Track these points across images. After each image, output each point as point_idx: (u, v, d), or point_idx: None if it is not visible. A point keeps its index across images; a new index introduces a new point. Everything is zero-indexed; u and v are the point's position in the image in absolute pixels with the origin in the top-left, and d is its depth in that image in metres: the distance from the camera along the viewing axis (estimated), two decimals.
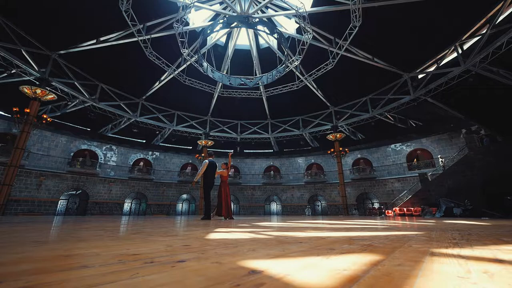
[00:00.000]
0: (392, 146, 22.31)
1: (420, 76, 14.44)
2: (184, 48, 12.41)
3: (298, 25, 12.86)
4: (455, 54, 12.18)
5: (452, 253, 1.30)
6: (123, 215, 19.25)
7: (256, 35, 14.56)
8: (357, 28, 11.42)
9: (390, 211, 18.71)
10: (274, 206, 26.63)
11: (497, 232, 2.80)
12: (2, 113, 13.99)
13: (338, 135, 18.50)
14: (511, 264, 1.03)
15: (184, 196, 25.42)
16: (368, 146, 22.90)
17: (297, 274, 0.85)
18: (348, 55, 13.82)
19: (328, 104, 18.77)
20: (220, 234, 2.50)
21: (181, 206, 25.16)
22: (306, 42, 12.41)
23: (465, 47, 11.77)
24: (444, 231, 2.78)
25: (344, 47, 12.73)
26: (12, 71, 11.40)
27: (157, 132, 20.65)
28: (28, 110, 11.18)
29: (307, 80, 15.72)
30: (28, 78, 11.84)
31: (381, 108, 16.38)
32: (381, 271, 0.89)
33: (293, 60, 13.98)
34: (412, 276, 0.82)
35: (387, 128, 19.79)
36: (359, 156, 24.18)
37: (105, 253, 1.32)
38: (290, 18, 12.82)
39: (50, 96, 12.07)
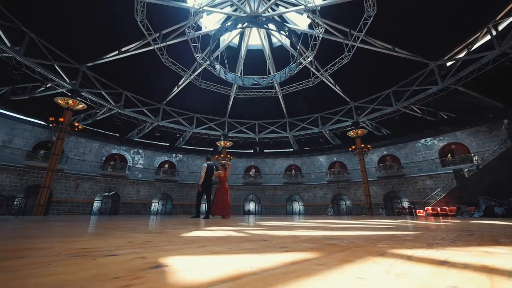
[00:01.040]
0: (422, 141, 20.72)
1: (448, 63, 13.24)
2: (197, 53, 12.80)
3: (310, 20, 12.54)
4: (488, 37, 10.96)
5: (405, 254, 1.19)
6: (150, 214, 20.33)
7: (268, 34, 14.49)
8: (372, 18, 10.81)
9: (421, 210, 17.45)
10: (296, 206, 26.21)
11: None
12: (42, 123, 15.60)
13: (359, 131, 17.66)
14: (447, 266, 0.90)
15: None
16: (395, 141, 21.53)
17: (193, 270, 0.85)
18: (366, 46, 13.13)
19: (348, 100, 18.01)
20: (202, 232, 2.53)
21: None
22: (318, 37, 12.04)
23: (500, 27, 10.53)
24: (449, 232, 2.52)
25: (360, 39, 12.12)
26: (48, 85, 12.73)
27: (178, 135, 21.51)
28: (62, 119, 12.36)
29: (323, 76, 15.25)
30: (61, 90, 13.11)
31: (405, 100, 15.30)
32: (282, 270, 0.85)
33: (307, 56, 13.66)
34: (313, 274, 0.77)
35: (414, 122, 18.44)
36: (385, 152, 22.87)
37: (60, 247, 1.41)
38: (302, 14, 12.56)
39: (80, 106, 13.22)
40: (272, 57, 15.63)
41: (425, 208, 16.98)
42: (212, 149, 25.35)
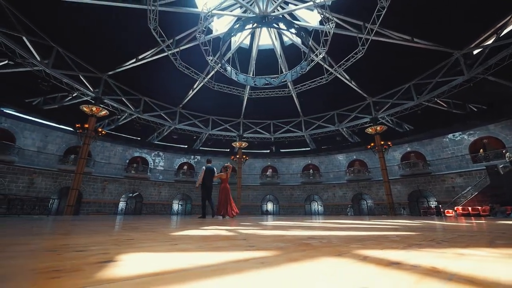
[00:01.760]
0: (450, 135, 19.34)
1: (475, 51, 12.24)
2: (208, 56, 13.07)
3: (322, 17, 12.25)
4: None
5: (365, 254, 1.14)
6: (170, 215, 21.07)
7: (279, 33, 14.39)
8: (385, 8, 10.31)
9: (450, 210, 16.33)
10: (316, 206, 25.72)
11: None
12: (71, 129, 16.84)
13: (378, 128, 16.90)
14: (391, 268, 0.86)
15: None
16: (419, 137, 20.31)
17: (137, 265, 0.91)
18: (382, 39, 12.55)
19: (365, 95, 17.33)
20: (194, 231, 2.60)
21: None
22: (329, 32, 11.72)
23: None
24: (452, 233, 2.35)
25: (374, 31, 11.61)
26: (74, 94, 13.75)
27: (194, 137, 22.09)
28: (87, 126, 13.27)
29: (337, 72, 14.81)
30: (86, 98, 14.09)
31: (428, 93, 14.39)
32: (216, 268, 0.87)
33: (319, 53, 13.37)
34: (238, 272, 0.79)
35: (439, 116, 17.28)
36: (408, 149, 21.69)
37: (43, 243, 1.54)
38: (312, 10, 12.33)
39: (103, 112, 14.11)
40: (284, 56, 15.50)
41: (455, 208, 15.86)
42: (228, 150, 25.70)
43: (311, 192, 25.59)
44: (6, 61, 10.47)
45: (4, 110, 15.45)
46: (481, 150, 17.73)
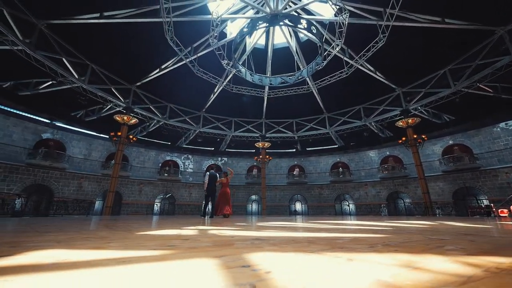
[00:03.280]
0: (501, 124, 16.85)
1: None
2: (223, 60, 13.39)
3: (337, 8, 11.69)
4: None
5: (244, 257, 1.10)
6: (200, 216, 21.97)
7: (294, 30, 14.07)
8: None
9: (505, 210, 14.27)
10: (346, 205, 24.55)
11: None
12: (107, 137, 18.72)
13: (410, 121, 15.46)
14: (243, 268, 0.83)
15: (253, 197, 26.72)
16: (462, 128, 18.08)
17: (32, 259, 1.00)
18: (406, 24, 11.49)
19: (393, 86, 16.00)
20: (169, 230, 2.72)
21: (250, 207, 26.53)
22: (343, 24, 11.08)
23: None
24: (427, 236, 2.08)
25: (394, 16, 10.67)
26: (109, 106, 15.28)
27: (218, 140, 22.76)
28: (120, 133, 14.62)
29: (358, 63, 13.95)
30: (118, 109, 15.55)
31: (467, 79, 12.74)
32: (96, 263, 0.95)
33: (336, 45, 12.74)
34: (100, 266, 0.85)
35: (485, 103, 15.18)
36: (451, 142, 19.49)
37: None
38: (326, 2, 11.81)
39: (133, 121, 15.41)
40: (302, 52, 15.13)
41: (510, 208, 13.83)
42: (254, 150, 25.95)
43: (341, 191, 24.50)
44: (51, 81, 12.14)
45: (56, 123, 17.82)
46: None
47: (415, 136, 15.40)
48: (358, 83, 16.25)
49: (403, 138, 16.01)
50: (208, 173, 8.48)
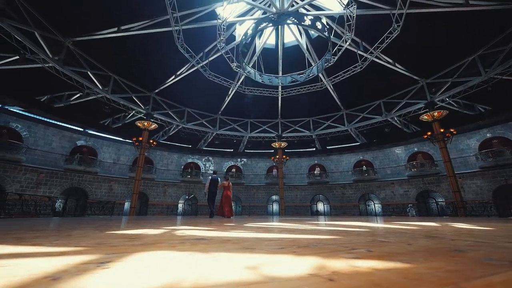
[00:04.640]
0: None
1: None
2: (232, 63, 13.59)
3: (346, 2, 11.24)
4: None
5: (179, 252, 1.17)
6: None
7: (304, 28, 13.78)
8: None
9: None
10: (372, 205, 23.37)
11: None
12: (130, 141, 20.07)
13: (436, 114, 14.24)
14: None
15: (274, 197, 26.63)
16: (501, 119, 16.23)
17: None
18: (424, 10, 10.67)
19: (416, 78, 14.88)
20: (160, 230, 2.89)
21: (271, 207, 26.48)
22: (351, 16, 10.58)
23: None
24: (406, 238, 1.96)
25: (408, 2, 9.93)
26: (131, 113, 16.41)
27: (235, 141, 23.08)
28: (141, 139, 15.60)
29: (373, 56, 13.21)
30: (139, 115, 16.60)
31: (500, 65, 11.41)
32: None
33: (347, 38, 12.23)
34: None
35: None
36: (488, 135, 17.65)
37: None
38: None
39: (153, 126, 16.33)
40: (313, 49, 14.78)
41: None
42: (272, 150, 25.87)
43: (365, 191, 23.40)
44: (79, 93, 13.45)
45: (88, 131, 19.57)
46: None
47: (442, 130, 14.16)
48: (376, 77, 15.43)
49: (429, 133, 14.80)
50: (210, 177, 9.14)
